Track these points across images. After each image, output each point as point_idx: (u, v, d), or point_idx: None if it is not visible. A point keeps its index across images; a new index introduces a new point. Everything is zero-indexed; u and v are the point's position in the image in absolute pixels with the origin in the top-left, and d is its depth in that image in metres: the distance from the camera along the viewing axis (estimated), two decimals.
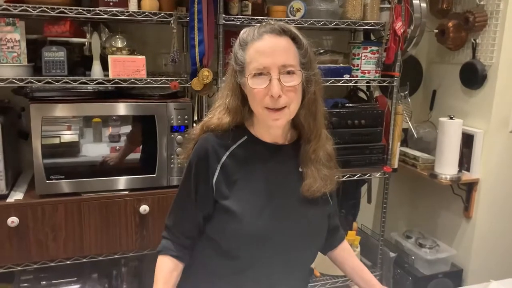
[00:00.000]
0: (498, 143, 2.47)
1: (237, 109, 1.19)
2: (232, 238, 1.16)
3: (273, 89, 1.08)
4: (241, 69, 1.15)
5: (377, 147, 2.37)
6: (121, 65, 1.87)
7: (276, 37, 1.11)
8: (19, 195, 1.83)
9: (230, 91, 1.19)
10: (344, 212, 2.66)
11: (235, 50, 1.16)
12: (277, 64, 1.09)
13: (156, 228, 1.94)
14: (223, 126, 1.19)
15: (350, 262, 1.41)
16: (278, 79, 1.09)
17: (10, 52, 1.76)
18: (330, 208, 1.30)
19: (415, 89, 2.85)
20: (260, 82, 1.10)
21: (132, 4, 1.87)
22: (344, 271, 1.43)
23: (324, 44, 2.66)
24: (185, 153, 1.27)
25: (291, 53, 1.12)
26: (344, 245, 1.43)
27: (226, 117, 1.19)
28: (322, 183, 1.20)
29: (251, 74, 1.10)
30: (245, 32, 1.16)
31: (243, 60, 1.13)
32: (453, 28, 2.49)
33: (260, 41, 1.11)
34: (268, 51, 1.10)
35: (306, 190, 1.19)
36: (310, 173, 1.20)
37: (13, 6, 1.71)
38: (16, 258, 1.79)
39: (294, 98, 1.13)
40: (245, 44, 1.14)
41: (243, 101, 1.19)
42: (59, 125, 1.83)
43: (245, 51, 1.13)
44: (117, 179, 1.91)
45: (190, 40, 1.92)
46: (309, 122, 1.20)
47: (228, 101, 1.19)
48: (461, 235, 2.64)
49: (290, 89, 1.11)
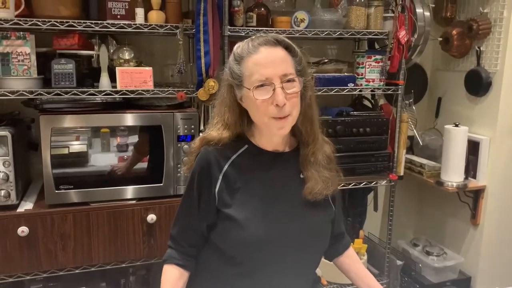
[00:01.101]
0: (504, 150, 2.47)
1: (236, 124, 1.21)
2: (235, 245, 1.18)
3: (278, 97, 1.11)
4: (239, 83, 1.16)
5: (383, 155, 2.38)
6: (129, 77, 1.91)
7: (272, 48, 1.14)
8: (29, 205, 1.86)
9: (227, 107, 1.21)
10: (350, 220, 2.66)
11: (231, 65, 1.18)
12: (278, 74, 1.12)
13: (163, 237, 1.96)
14: (224, 140, 1.21)
15: (356, 269, 1.41)
16: (281, 87, 1.12)
17: (21, 65, 1.80)
18: (333, 213, 1.31)
19: (420, 97, 2.85)
20: (264, 93, 1.12)
21: (139, 17, 1.91)
22: (350, 278, 1.43)
23: (329, 54, 2.68)
24: (188, 165, 1.29)
25: (288, 62, 1.15)
26: (350, 252, 1.43)
27: (226, 132, 1.21)
28: (324, 185, 1.22)
29: (254, 86, 1.12)
30: (238, 47, 1.18)
31: (241, 74, 1.15)
32: (457, 36, 2.51)
33: (256, 54, 1.13)
34: (267, 62, 1.12)
35: (308, 193, 1.21)
36: (311, 176, 1.22)
37: (24, 21, 1.75)
38: (26, 267, 1.82)
39: (296, 104, 1.15)
40: (240, 58, 1.16)
41: (241, 114, 1.22)
42: (68, 135, 1.86)
43: (242, 65, 1.15)
44: (124, 188, 1.94)
45: (196, 52, 1.95)
46: (306, 126, 1.23)
47: (226, 117, 1.21)
48: (468, 242, 2.63)
49: (292, 95, 1.13)
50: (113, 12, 1.87)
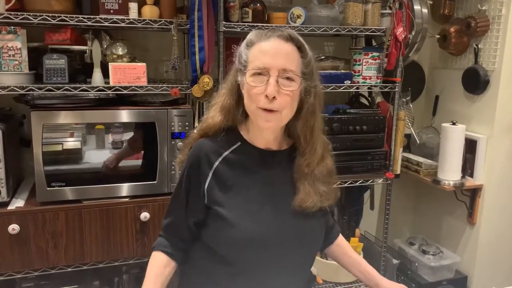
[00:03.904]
0: (501, 149, 2.45)
1: (230, 109, 1.20)
2: (226, 244, 1.16)
3: (269, 88, 1.09)
4: (243, 68, 1.16)
5: (379, 153, 2.36)
6: (122, 72, 1.88)
7: (282, 41, 1.13)
8: (20, 202, 1.84)
9: (228, 90, 1.22)
10: (346, 218, 2.65)
11: (241, 49, 1.18)
12: (277, 67, 1.10)
13: (157, 235, 1.86)
14: (215, 127, 1.20)
15: (347, 256, 1.41)
16: (276, 80, 1.10)
17: (12, 60, 1.77)
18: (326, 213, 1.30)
19: (417, 95, 2.84)
20: (259, 81, 1.11)
21: (133, 12, 1.88)
22: (342, 265, 1.43)
23: (325, 50, 2.66)
24: (181, 157, 1.28)
25: (294, 59, 1.13)
26: (340, 240, 1.43)
27: (218, 115, 1.21)
28: (317, 199, 1.19)
29: (251, 71, 1.12)
30: (253, 33, 1.18)
31: (247, 59, 1.15)
32: (455, 33, 2.49)
33: (266, 42, 1.13)
34: (271, 52, 1.12)
35: (297, 205, 1.18)
36: (303, 188, 1.19)
37: (14, 15, 1.72)
38: (17, 265, 1.79)
39: (288, 103, 1.13)
40: (251, 44, 1.16)
41: (238, 102, 1.21)
42: (59, 132, 1.83)
43: (250, 50, 1.15)
44: (118, 186, 1.91)
45: (191, 47, 1.92)
46: (305, 134, 1.20)
47: (223, 99, 1.21)
48: (465, 241, 2.61)
49: (286, 93, 1.11)
50: (106, 6, 1.84)
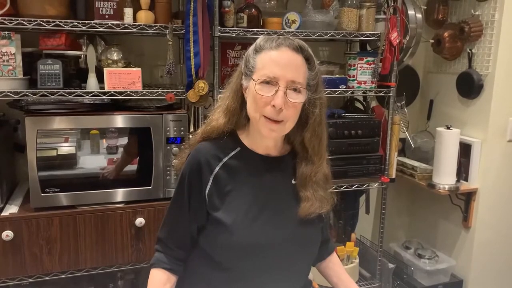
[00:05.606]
0: (496, 152, 2.46)
1: (234, 111, 1.21)
2: (223, 250, 1.16)
3: (277, 99, 1.10)
4: (249, 72, 1.16)
5: (374, 157, 2.36)
6: (117, 78, 1.87)
7: (293, 52, 1.13)
8: (14, 208, 1.82)
9: (232, 92, 1.22)
10: (342, 223, 2.65)
11: (249, 53, 1.18)
12: (287, 78, 1.11)
13: (152, 241, 1.92)
14: (219, 129, 1.21)
15: (338, 275, 1.40)
16: (284, 92, 1.11)
17: (6, 65, 1.76)
18: (323, 221, 1.30)
19: (412, 99, 2.85)
20: (267, 90, 1.11)
21: (128, 17, 1.88)
22: (331, 283, 1.42)
23: (320, 55, 2.67)
24: (180, 158, 1.27)
25: (302, 72, 1.14)
26: (333, 258, 1.43)
27: (222, 118, 1.21)
28: (318, 205, 1.21)
29: (260, 79, 1.12)
30: (263, 39, 1.18)
31: (254, 64, 1.15)
32: (449, 38, 2.50)
33: (277, 51, 1.13)
34: (282, 62, 1.12)
35: (304, 214, 1.20)
36: (310, 197, 1.21)
37: (9, 20, 1.71)
38: (11, 272, 1.77)
39: (293, 115, 1.14)
40: (260, 49, 1.15)
41: (242, 105, 1.21)
42: (54, 137, 1.82)
43: (258, 56, 1.15)
44: (113, 191, 1.90)
45: (186, 52, 1.92)
46: (314, 144, 1.21)
47: (228, 102, 1.21)
48: (460, 245, 2.62)
49: (292, 105, 1.12)
50: (101, 12, 1.84)
